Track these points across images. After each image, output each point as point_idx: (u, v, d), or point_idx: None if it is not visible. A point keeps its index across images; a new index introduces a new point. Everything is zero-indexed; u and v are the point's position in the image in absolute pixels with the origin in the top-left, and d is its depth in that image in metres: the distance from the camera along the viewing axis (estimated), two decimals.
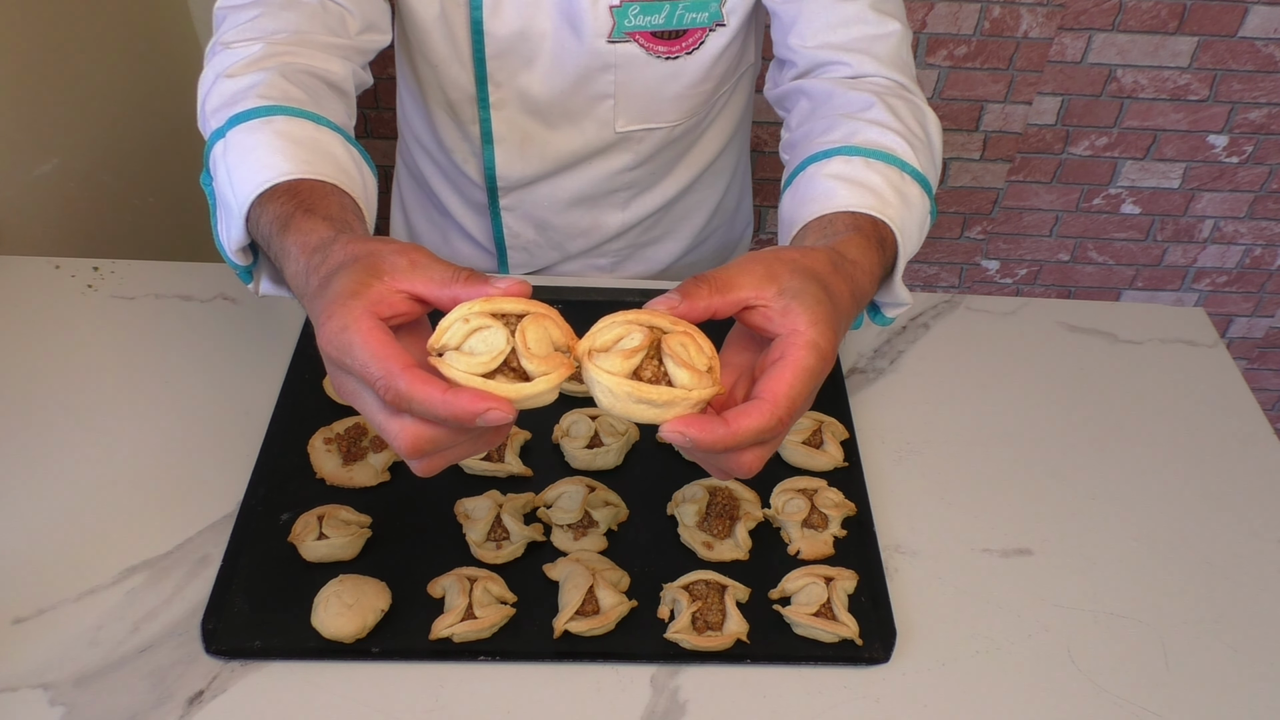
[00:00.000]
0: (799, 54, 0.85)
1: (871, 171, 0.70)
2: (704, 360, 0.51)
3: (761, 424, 0.50)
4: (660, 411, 0.50)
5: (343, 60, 0.79)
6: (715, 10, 0.88)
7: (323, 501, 0.78)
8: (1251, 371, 2.26)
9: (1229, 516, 0.84)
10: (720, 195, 1.14)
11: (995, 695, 0.70)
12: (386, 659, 0.70)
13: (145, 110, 1.46)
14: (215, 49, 0.77)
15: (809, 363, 0.52)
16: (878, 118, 0.76)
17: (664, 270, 1.17)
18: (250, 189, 0.63)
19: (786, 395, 0.51)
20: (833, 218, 0.67)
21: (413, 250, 0.53)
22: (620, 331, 0.51)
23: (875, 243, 0.65)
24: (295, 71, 0.73)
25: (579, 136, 0.98)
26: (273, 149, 0.64)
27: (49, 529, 0.77)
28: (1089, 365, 0.97)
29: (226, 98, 0.70)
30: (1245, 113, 1.85)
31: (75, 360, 0.91)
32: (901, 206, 0.69)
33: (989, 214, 2.01)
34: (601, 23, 0.88)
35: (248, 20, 0.77)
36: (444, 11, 0.89)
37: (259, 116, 0.67)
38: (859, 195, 0.68)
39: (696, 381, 0.50)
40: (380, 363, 0.48)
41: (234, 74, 0.71)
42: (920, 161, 0.74)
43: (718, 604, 0.72)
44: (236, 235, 0.65)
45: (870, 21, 0.83)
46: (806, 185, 0.72)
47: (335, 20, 0.81)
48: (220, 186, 0.66)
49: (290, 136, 0.65)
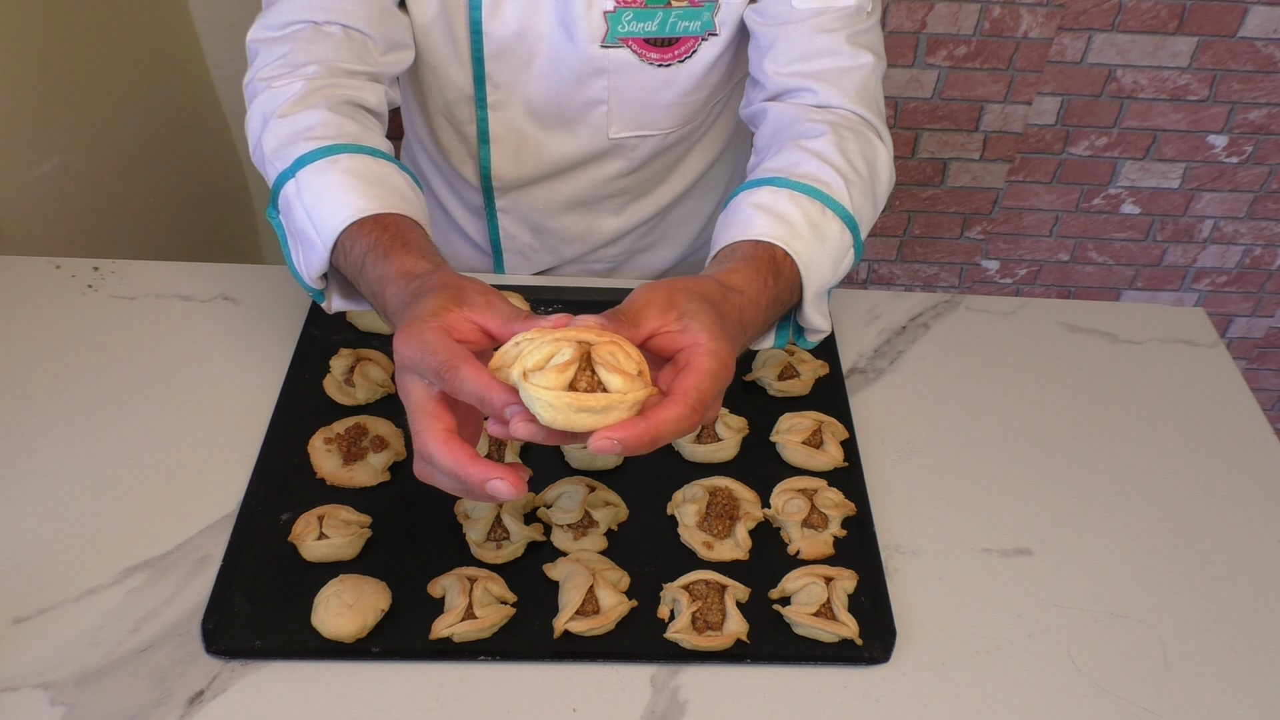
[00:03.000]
0: (770, 78, 0.86)
1: (792, 204, 0.73)
2: (633, 364, 0.54)
3: (678, 413, 0.55)
4: (600, 417, 0.53)
5: (374, 85, 0.84)
6: (708, 20, 0.89)
7: (323, 501, 0.78)
8: (1251, 371, 2.26)
9: (1229, 516, 0.84)
10: (715, 204, 1.14)
11: (995, 695, 0.70)
12: (386, 659, 0.70)
13: (145, 110, 1.46)
14: (255, 85, 0.81)
15: (711, 365, 0.58)
16: (821, 150, 0.78)
17: (661, 276, 1.17)
18: (335, 225, 0.70)
19: (696, 388, 0.56)
20: (737, 246, 0.71)
21: (491, 292, 0.61)
22: (550, 349, 0.54)
23: (768, 272, 0.69)
24: (341, 104, 0.79)
25: (573, 141, 0.98)
26: (345, 188, 0.71)
27: (49, 529, 0.77)
28: (1089, 365, 0.97)
29: (284, 138, 0.76)
30: (1245, 113, 1.85)
31: (75, 360, 0.91)
32: (813, 240, 0.72)
33: (989, 214, 2.01)
34: (595, 27, 0.88)
35: (280, 56, 0.81)
36: (444, 12, 0.90)
37: (324, 157, 0.73)
38: (771, 225, 0.72)
39: (630, 385, 0.53)
40: (443, 352, 0.56)
41: (285, 114, 0.77)
42: (852, 199, 0.76)
43: (718, 604, 0.72)
44: (318, 265, 0.72)
45: (843, 54, 0.84)
46: (733, 211, 0.75)
47: (360, 47, 0.84)
48: (299, 225, 0.73)
49: (358, 174, 0.72)
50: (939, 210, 2.00)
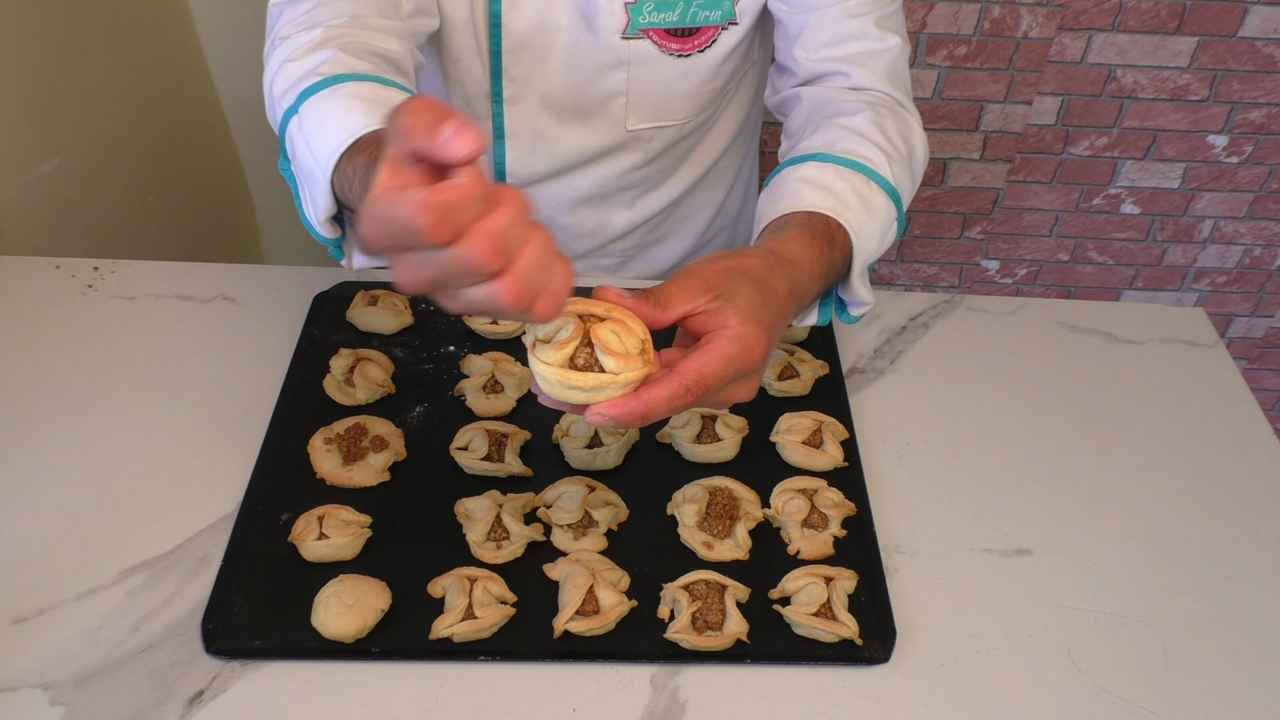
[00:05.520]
0: (801, 65, 0.88)
1: (839, 178, 0.75)
2: (636, 343, 0.56)
3: (670, 392, 0.56)
4: (591, 395, 0.55)
5: (399, 39, 0.81)
6: (728, 9, 0.89)
7: (323, 501, 0.78)
8: (1251, 371, 2.26)
9: (1229, 516, 0.84)
10: (724, 196, 1.14)
11: (995, 695, 0.70)
12: (386, 659, 0.70)
13: (145, 110, 1.46)
14: (275, 43, 0.78)
15: (728, 350, 0.57)
16: (860, 128, 0.79)
17: (667, 271, 1.17)
18: (333, 148, 0.64)
19: (697, 372, 0.56)
20: (788, 218, 0.72)
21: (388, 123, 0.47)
22: (559, 323, 0.56)
23: (823, 241, 0.70)
24: (357, 48, 0.75)
25: (590, 134, 0.98)
26: (347, 109, 0.66)
27: (49, 529, 0.77)
28: (1089, 365, 0.97)
29: (294, 79, 0.72)
30: (1245, 113, 1.85)
31: (75, 360, 0.91)
32: (861, 211, 0.73)
33: (989, 214, 2.01)
34: (616, 19, 0.88)
35: (304, 12, 0.78)
36: (469, 7, 0.90)
37: (328, 86, 0.68)
38: (820, 197, 0.73)
39: (624, 365, 0.55)
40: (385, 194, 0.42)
41: (296, 58, 0.73)
42: (894, 173, 0.78)
43: (718, 604, 0.72)
44: (323, 203, 0.66)
45: (873, 37, 0.86)
46: (778, 186, 0.77)
47: (388, 4, 0.82)
48: (301, 159, 0.68)
49: (362, 96, 0.67)
50: (939, 210, 2.00)
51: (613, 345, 0.55)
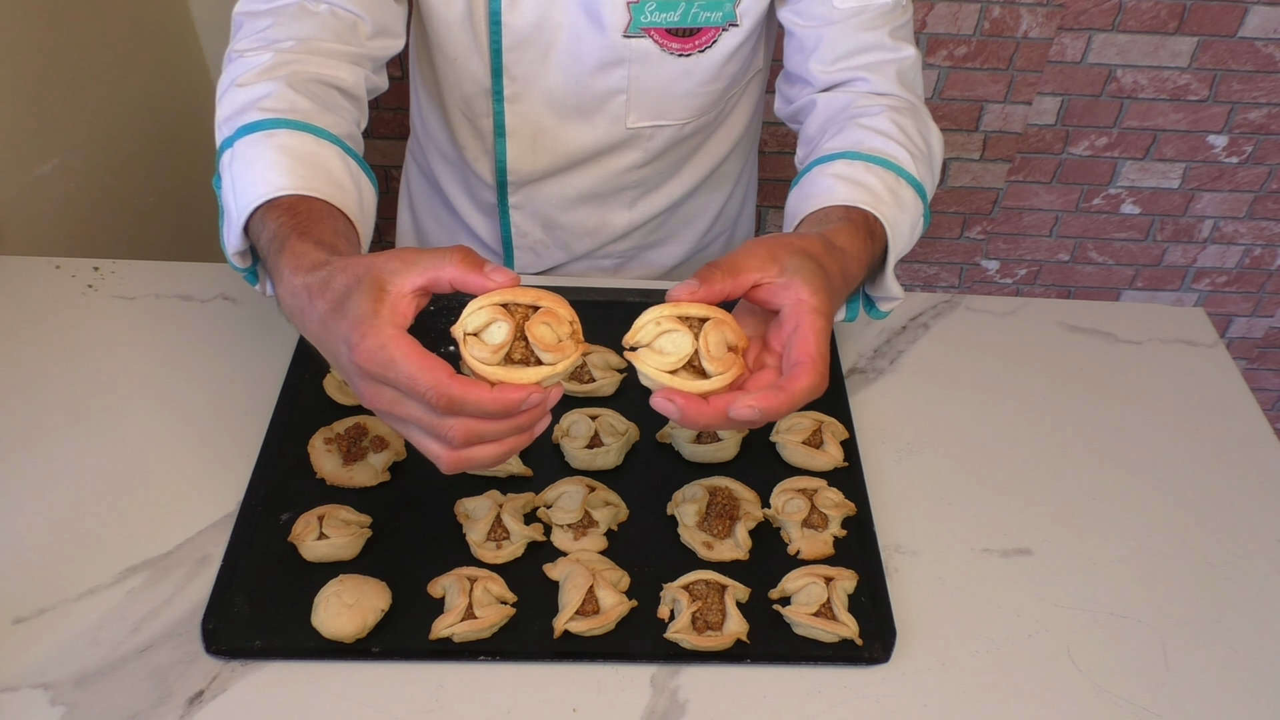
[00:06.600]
0: (817, 77, 0.90)
1: (870, 174, 0.76)
2: (566, 329, 0.58)
3: (811, 382, 0.58)
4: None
5: (352, 66, 0.83)
6: (729, 10, 0.90)
7: (323, 501, 0.78)
8: (1251, 371, 2.26)
9: (1229, 517, 0.84)
10: (724, 200, 1.14)
11: (995, 695, 0.70)
12: (386, 659, 0.70)
13: (145, 110, 1.46)
14: (231, 56, 0.81)
15: (819, 324, 0.60)
16: (883, 128, 0.82)
17: (666, 274, 1.17)
18: (249, 200, 0.68)
19: (819, 352, 0.59)
20: (828, 211, 0.74)
21: (402, 253, 0.58)
22: (487, 316, 0.57)
23: (865, 233, 0.72)
24: (303, 81, 0.77)
25: (590, 132, 0.99)
26: (272, 164, 0.69)
27: (49, 529, 0.77)
28: (1089, 365, 0.97)
29: (237, 107, 0.74)
30: (1245, 113, 1.85)
31: (75, 360, 0.91)
32: (894, 205, 0.75)
33: (989, 214, 2.01)
34: (618, 17, 0.89)
35: (261, 29, 0.80)
36: (467, 5, 0.90)
37: (263, 129, 0.71)
38: (855, 192, 0.75)
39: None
40: (428, 374, 0.55)
41: (244, 83, 0.76)
42: (918, 170, 0.80)
43: (718, 604, 0.72)
44: (235, 241, 0.71)
45: (888, 47, 0.88)
46: (810, 183, 0.78)
47: (346, 27, 0.83)
48: (225, 195, 0.72)
49: (290, 151, 0.70)
50: (939, 210, 2.00)
51: (546, 339, 0.57)
